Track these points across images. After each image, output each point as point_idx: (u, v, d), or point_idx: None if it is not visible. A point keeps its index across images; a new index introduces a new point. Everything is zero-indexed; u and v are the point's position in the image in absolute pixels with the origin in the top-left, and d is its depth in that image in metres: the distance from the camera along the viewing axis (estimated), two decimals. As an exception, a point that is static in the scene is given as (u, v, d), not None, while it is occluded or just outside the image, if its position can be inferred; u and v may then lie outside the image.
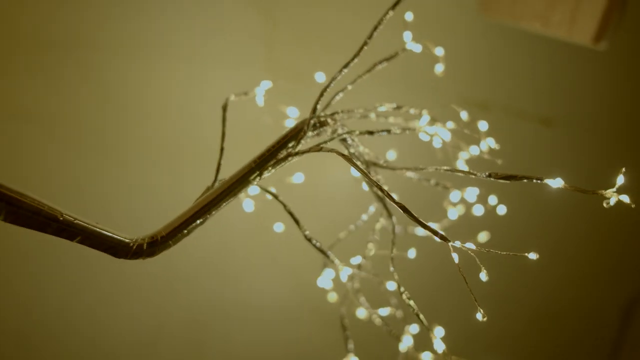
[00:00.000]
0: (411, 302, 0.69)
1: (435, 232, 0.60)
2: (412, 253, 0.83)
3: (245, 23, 1.14)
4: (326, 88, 0.68)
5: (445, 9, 0.71)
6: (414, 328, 0.89)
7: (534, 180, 0.63)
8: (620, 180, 0.62)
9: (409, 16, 0.80)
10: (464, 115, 0.79)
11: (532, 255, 0.64)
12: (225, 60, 1.14)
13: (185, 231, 0.66)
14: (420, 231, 0.93)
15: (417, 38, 0.79)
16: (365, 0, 1.22)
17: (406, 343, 0.88)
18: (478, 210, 0.92)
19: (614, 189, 0.62)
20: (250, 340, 1.25)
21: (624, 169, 0.63)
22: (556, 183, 0.63)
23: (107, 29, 1.09)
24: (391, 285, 0.82)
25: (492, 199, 0.88)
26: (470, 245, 0.60)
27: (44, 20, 1.07)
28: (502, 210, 0.88)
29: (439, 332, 0.83)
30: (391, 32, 0.89)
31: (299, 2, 1.17)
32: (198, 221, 0.66)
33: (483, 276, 0.64)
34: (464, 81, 1.25)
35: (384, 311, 0.82)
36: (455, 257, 0.60)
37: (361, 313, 0.96)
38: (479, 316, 0.63)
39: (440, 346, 0.70)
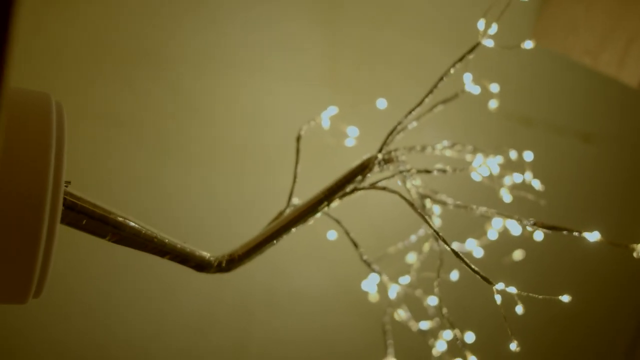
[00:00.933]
0: (457, 333, 0.77)
1: (481, 276, 0.68)
2: (454, 275, 0.90)
3: (309, 40, 1.20)
4: (392, 131, 0.75)
5: (497, 34, 0.77)
6: (448, 334, 0.98)
7: (574, 234, 0.70)
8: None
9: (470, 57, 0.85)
10: (513, 154, 0.86)
11: (565, 298, 0.72)
12: (289, 74, 1.21)
13: (259, 252, 0.74)
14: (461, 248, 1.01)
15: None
16: (428, 22, 1.26)
17: (440, 348, 0.97)
18: (515, 230, 0.99)
19: (645, 243, 0.70)
20: (293, 328, 1.34)
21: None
22: (593, 237, 0.70)
23: (181, 42, 1.16)
24: (432, 300, 0.91)
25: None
26: (512, 290, 0.68)
27: (126, 33, 1.15)
28: (539, 236, 0.95)
29: (469, 336, 0.92)
30: (444, 52, 0.94)
31: (362, 21, 1.22)
32: (271, 242, 0.74)
33: (519, 309, 0.72)
34: (509, 97, 1.31)
35: (424, 324, 0.90)
36: (498, 298, 0.68)
37: (400, 313, 1.05)
38: (513, 346, 0.71)
39: (474, 365, 0.78)
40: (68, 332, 1.25)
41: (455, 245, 1.02)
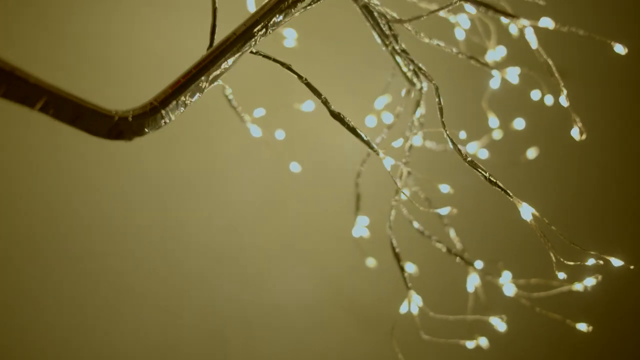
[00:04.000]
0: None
1: (503, 12, 0.47)
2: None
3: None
4: None
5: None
6: (479, 264, 0.75)
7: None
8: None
9: None
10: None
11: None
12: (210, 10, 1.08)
13: (183, 98, 0.52)
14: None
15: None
16: None
17: (473, 279, 0.73)
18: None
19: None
20: (279, 351, 1.07)
21: None
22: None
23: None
24: (445, 188, 0.67)
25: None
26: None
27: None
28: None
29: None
30: None
31: None
32: (197, 81, 0.52)
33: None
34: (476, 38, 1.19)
35: (445, 210, 0.66)
36: (532, 38, 0.47)
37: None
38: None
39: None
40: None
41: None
